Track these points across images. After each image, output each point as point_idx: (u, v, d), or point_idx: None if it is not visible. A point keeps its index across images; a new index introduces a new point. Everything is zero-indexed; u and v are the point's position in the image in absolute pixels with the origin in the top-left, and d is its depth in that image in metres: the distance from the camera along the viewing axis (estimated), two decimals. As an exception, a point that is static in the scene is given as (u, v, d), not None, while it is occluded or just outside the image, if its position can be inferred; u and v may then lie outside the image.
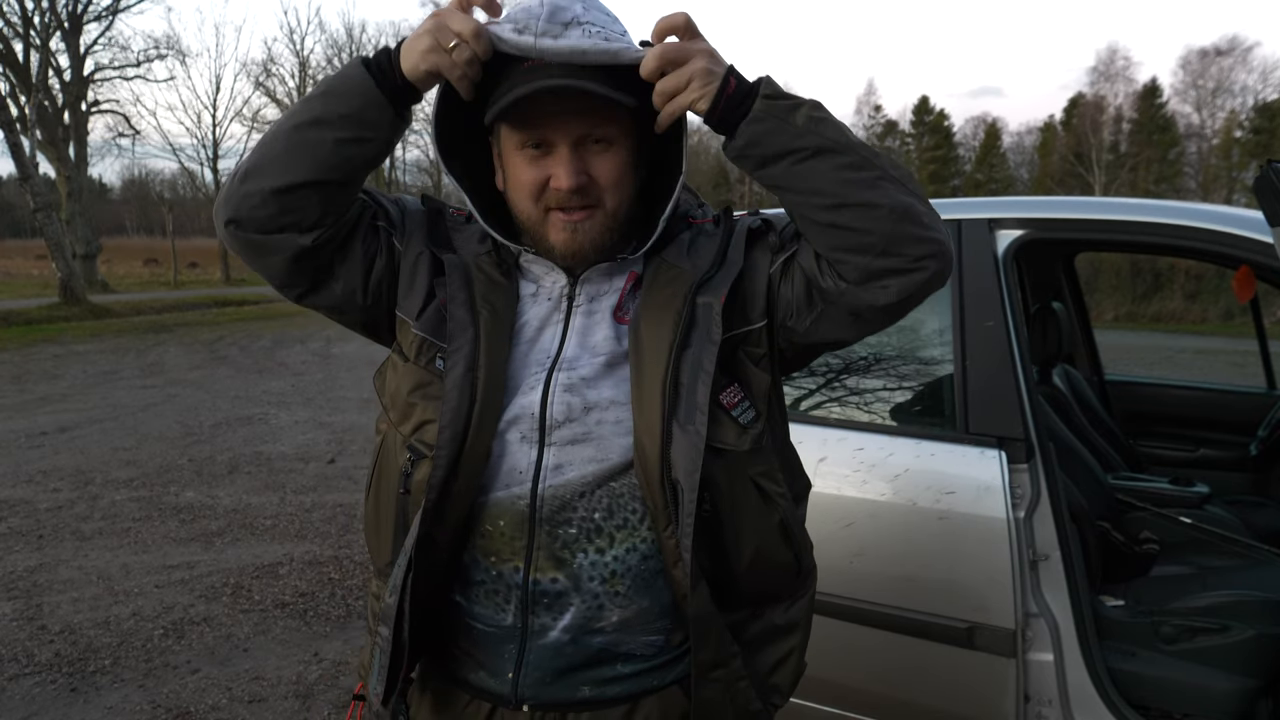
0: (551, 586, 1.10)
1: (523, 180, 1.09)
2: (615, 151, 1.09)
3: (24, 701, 3.13)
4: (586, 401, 1.10)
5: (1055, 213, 2.22)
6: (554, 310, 1.16)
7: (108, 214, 63.96)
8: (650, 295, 1.12)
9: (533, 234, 1.13)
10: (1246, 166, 38.63)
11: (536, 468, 1.09)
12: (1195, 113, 41.71)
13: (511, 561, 1.10)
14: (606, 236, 1.12)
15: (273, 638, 3.64)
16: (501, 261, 1.18)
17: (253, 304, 24.04)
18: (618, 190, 1.10)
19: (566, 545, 1.09)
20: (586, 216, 1.10)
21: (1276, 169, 1.60)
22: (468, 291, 1.13)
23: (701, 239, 1.18)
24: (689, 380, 1.07)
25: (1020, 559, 1.94)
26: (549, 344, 1.14)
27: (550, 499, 1.08)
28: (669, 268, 1.14)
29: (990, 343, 2.09)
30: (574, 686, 1.12)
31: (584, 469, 1.09)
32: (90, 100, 31.56)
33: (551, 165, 1.08)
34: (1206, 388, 3.80)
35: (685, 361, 1.07)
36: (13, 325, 16.20)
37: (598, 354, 1.12)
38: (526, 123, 1.07)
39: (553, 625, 1.11)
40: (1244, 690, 2.06)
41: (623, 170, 1.10)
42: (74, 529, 4.99)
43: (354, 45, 45.20)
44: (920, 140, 54.21)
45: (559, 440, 1.09)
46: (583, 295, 1.16)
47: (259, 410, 8.61)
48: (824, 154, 1.02)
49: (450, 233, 1.21)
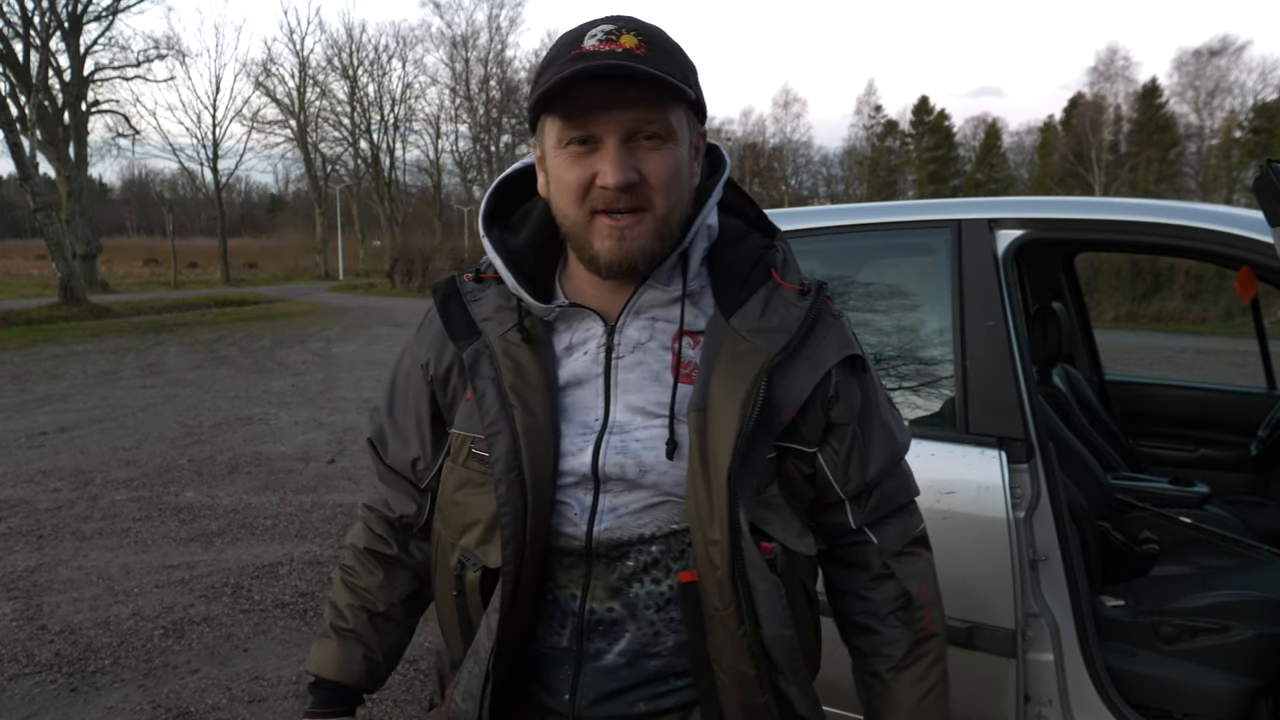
0: (608, 615, 1.08)
1: (565, 180, 1.00)
2: (669, 149, 1.00)
3: (24, 701, 3.13)
4: (642, 464, 1.04)
5: (1055, 213, 2.22)
6: (592, 364, 1.07)
7: (108, 214, 63.95)
8: (720, 371, 1.02)
9: (577, 241, 1.04)
10: (1246, 166, 38.62)
11: (592, 513, 1.06)
12: (1194, 113, 41.70)
13: (568, 590, 1.08)
14: (657, 244, 1.01)
15: (273, 638, 3.64)
16: (529, 326, 1.09)
17: (253, 304, 24.04)
18: (669, 192, 1.00)
19: (624, 578, 1.07)
20: (635, 221, 0.99)
21: (1276, 169, 1.60)
22: (496, 386, 1.06)
23: (779, 303, 1.07)
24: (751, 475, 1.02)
25: (1020, 559, 1.94)
26: (594, 403, 1.07)
27: (605, 540, 1.06)
28: (742, 341, 1.04)
29: (990, 343, 2.08)
30: (629, 703, 1.10)
31: (641, 516, 1.06)
32: (90, 100, 31.58)
33: (598, 162, 0.98)
34: (1206, 388, 3.80)
35: (751, 454, 1.01)
36: (13, 325, 16.20)
37: (651, 416, 1.05)
38: (572, 114, 0.98)
39: (608, 650, 1.09)
40: (1244, 690, 2.06)
41: (676, 170, 1.01)
42: (74, 529, 4.99)
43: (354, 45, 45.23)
44: (920, 140, 54.18)
45: (614, 489, 1.06)
46: (622, 345, 1.07)
47: (259, 410, 8.61)
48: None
49: (469, 306, 1.13)
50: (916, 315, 2.42)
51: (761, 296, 1.07)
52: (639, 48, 0.96)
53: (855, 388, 1.11)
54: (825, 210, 2.59)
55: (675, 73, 0.97)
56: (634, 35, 0.98)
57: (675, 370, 1.06)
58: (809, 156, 57.21)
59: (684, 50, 1.03)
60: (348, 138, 47.84)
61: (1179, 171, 42.31)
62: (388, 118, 48.06)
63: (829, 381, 1.07)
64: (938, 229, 2.27)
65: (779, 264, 1.11)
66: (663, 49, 0.99)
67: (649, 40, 0.98)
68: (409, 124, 50.97)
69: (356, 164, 48.89)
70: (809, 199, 52.79)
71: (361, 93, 47.46)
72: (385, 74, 54.69)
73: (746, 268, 1.09)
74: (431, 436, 1.17)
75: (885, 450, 1.14)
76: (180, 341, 14.97)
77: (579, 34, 0.99)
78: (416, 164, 51.87)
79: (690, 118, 1.04)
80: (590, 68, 0.94)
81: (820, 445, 1.10)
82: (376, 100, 48.13)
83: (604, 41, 0.97)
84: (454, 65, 49.27)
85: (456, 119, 49.87)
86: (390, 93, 49.35)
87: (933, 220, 2.32)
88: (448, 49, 52.01)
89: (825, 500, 1.13)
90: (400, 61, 72.13)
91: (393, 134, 48.39)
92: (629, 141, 0.98)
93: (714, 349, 1.04)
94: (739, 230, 1.14)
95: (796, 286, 1.08)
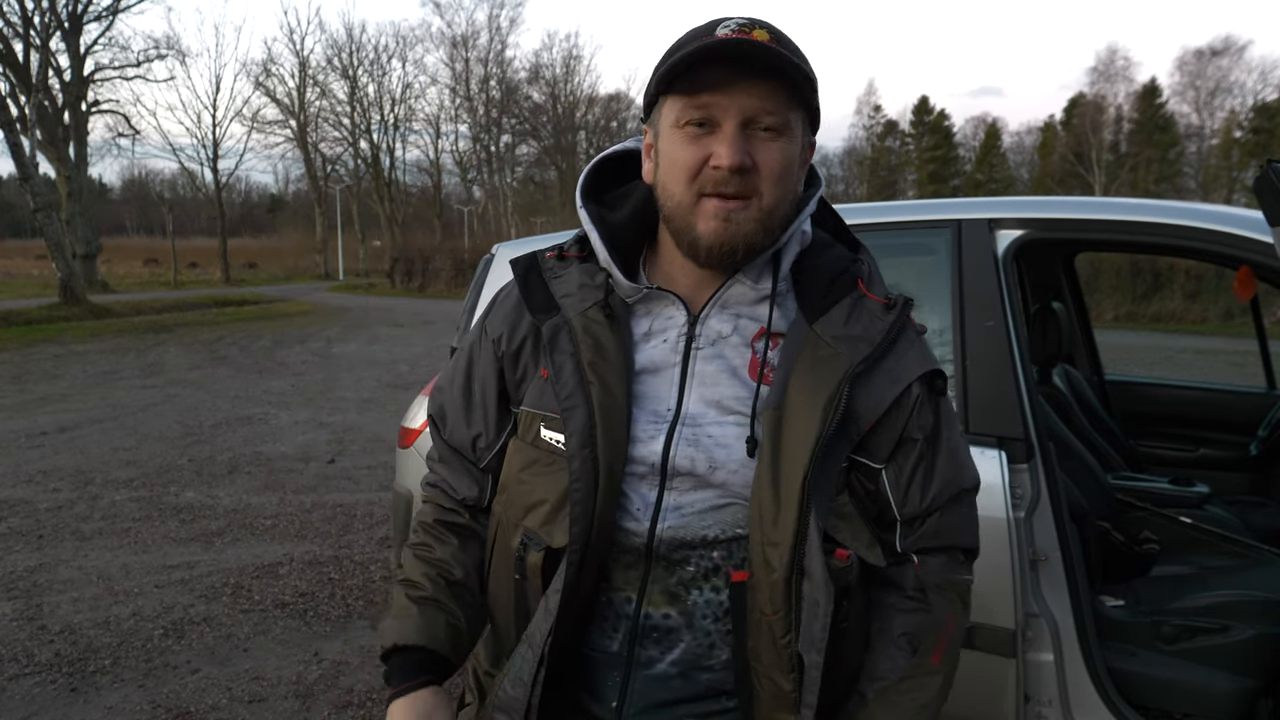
0: (663, 621, 1.06)
1: (678, 159, 1.01)
2: (783, 142, 1.00)
3: (24, 701, 3.13)
4: (713, 460, 1.03)
5: (1055, 213, 2.22)
6: (671, 353, 1.07)
7: (108, 214, 64.00)
8: (800, 374, 1.02)
9: (679, 223, 1.03)
10: (1246, 166, 38.64)
11: (656, 509, 1.04)
12: (1194, 113, 41.72)
13: (624, 592, 1.07)
14: (760, 235, 1.02)
15: (273, 638, 3.64)
16: (612, 304, 1.08)
17: (253, 304, 24.05)
18: (778, 184, 1.01)
19: (683, 583, 1.05)
20: (742, 206, 1.00)
21: (1276, 169, 1.60)
22: (575, 361, 1.05)
23: (863, 313, 1.07)
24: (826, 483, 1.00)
25: (1020, 559, 1.94)
26: (667, 393, 1.06)
27: (668, 540, 1.04)
28: (824, 346, 1.04)
29: (990, 343, 2.09)
30: (678, 717, 1.08)
31: (705, 517, 1.04)
32: (90, 100, 31.59)
33: (714, 144, 0.99)
34: (1206, 388, 3.80)
35: (827, 461, 1.00)
36: (13, 325, 16.21)
37: (726, 412, 1.05)
38: (696, 91, 0.98)
39: (660, 659, 1.07)
40: (1244, 690, 2.06)
41: (788, 163, 1.01)
42: (74, 529, 4.99)
43: (354, 45, 45.22)
44: (920, 140, 54.20)
45: (680, 486, 1.04)
46: (703, 337, 1.07)
47: (259, 410, 8.61)
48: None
49: (550, 282, 1.12)
50: (916, 315, 2.42)
51: (846, 305, 1.07)
52: (771, 41, 0.97)
53: (931, 407, 1.09)
54: (825, 210, 2.59)
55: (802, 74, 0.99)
56: (766, 32, 0.99)
57: (757, 370, 1.06)
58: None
59: (806, 57, 1.03)
60: (348, 138, 47.89)
61: (1179, 171, 42.33)
62: (388, 118, 48.12)
63: (908, 396, 1.06)
64: (938, 229, 2.27)
65: (865, 275, 1.11)
66: (793, 51, 1.00)
67: (780, 41, 0.99)
68: (409, 124, 50.99)
69: (356, 164, 48.94)
70: (809, 199, 52.63)
71: (361, 93, 47.53)
72: (385, 74, 54.73)
73: (832, 276, 1.09)
74: (496, 414, 1.16)
75: (948, 477, 1.11)
76: (180, 341, 14.98)
77: (710, 26, 1.00)
78: (416, 164, 51.90)
79: (805, 123, 1.05)
80: (727, 42, 0.95)
81: (887, 462, 1.08)
82: (376, 100, 48.21)
83: (737, 31, 0.97)
84: (454, 65, 49.35)
85: (456, 119, 49.95)
86: (390, 93, 49.41)
87: (933, 220, 2.32)
88: (448, 49, 52.10)
89: (882, 520, 1.11)
90: (400, 61, 72.24)
91: (393, 134, 48.45)
92: (746, 129, 0.99)
93: (794, 352, 1.04)
94: (826, 241, 1.15)
95: (882, 299, 1.09)
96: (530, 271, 1.14)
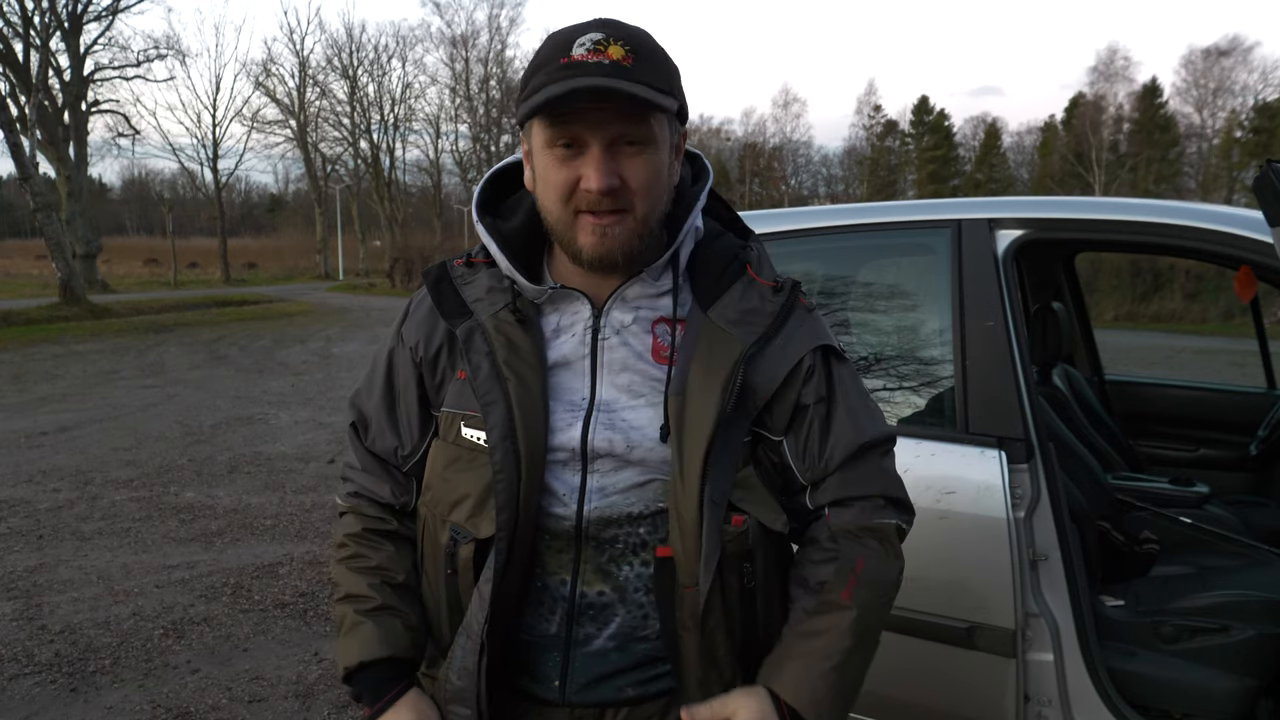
0: (598, 599, 1.11)
1: (551, 180, 1.05)
2: (649, 155, 1.04)
3: (24, 701, 3.13)
4: (630, 440, 1.09)
5: (1055, 213, 2.22)
6: (579, 345, 1.12)
7: (108, 214, 64.00)
8: (699, 360, 1.08)
9: (561, 237, 1.09)
10: (1246, 166, 38.63)
11: (581, 492, 1.09)
12: (1196, 113, 41.70)
13: (558, 575, 1.11)
14: (636, 243, 1.07)
15: (273, 638, 3.64)
16: (521, 307, 1.13)
17: (253, 304, 24.05)
18: (649, 195, 1.05)
19: (614, 559, 1.10)
20: (616, 221, 1.04)
21: (1276, 169, 1.60)
22: (491, 360, 1.10)
23: (754, 296, 1.13)
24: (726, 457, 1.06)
25: (1020, 559, 1.94)
26: (581, 384, 1.11)
27: (595, 520, 1.09)
28: (719, 331, 1.10)
29: (990, 343, 2.09)
30: (619, 688, 1.13)
31: (629, 494, 1.10)
32: (90, 100, 31.59)
33: (582, 166, 1.02)
34: (1206, 388, 3.80)
35: (728, 437, 1.07)
36: (13, 325, 16.20)
37: (636, 395, 1.11)
38: (559, 119, 1.02)
39: (598, 635, 1.12)
40: (1244, 690, 2.06)
41: (656, 175, 1.05)
42: (74, 529, 4.99)
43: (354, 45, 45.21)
44: (920, 140, 54.18)
45: (602, 468, 1.10)
46: (608, 328, 1.12)
47: (259, 410, 8.61)
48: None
49: (460, 288, 1.17)
50: (916, 315, 2.43)
51: (737, 291, 1.13)
52: (626, 59, 1.00)
53: (824, 375, 1.15)
54: (825, 210, 2.59)
55: (659, 83, 1.01)
56: (621, 46, 1.00)
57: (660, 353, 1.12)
58: (809, 156, 57.24)
59: (669, 56, 1.07)
60: (348, 138, 47.81)
61: (1179, 171, 42.33)
62: (388, 118, 48.04)
63: (800, 369, 1.13)
64: (938, 229, 2.27)
65: (754, 261, 1.17)
66: (648, 58, 1.02)
67: (635, 50, 1.01)
68: (409, 124, 50.93)
69: (356, 164, 48.87)
70: (809, 199, 52.80)
71: (361, 93, 47.44)
72: (385, 74, 54.63)
73: (724, 264, 1.15)
74: (419, 419, 1.20)
75: (847, 436, 1.15)
76: (180, 341, 14.98)
77: (568, 39, 1.02)
78: (416, 164, 51.80)
79: (671, 121, 1.08)
80: (576, 89, 0.97)
81: (787, 432, 1.14)
82: (376, 100, 48.12)
83: (592, 52, 1.00)
84: (454, 65, 49.27)
85: (456, 119, 49.85)
86: (390, 93, 49.33)
87: (933, 220, 2.32)
88: (448, 49, 52.02)
89: (790, 487, 1.17)
90: (400, 61, 72.10)
91: (393, 134, 48.36)
92: (612, 147, 1.02)
93: (693, 339, 1.10)
94: (716, 231, 1.21)
95: (771, 283, 1.15)
96: (441, 280, 1.18)
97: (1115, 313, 18.15)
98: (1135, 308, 18.35)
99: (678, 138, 1.11)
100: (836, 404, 1.15)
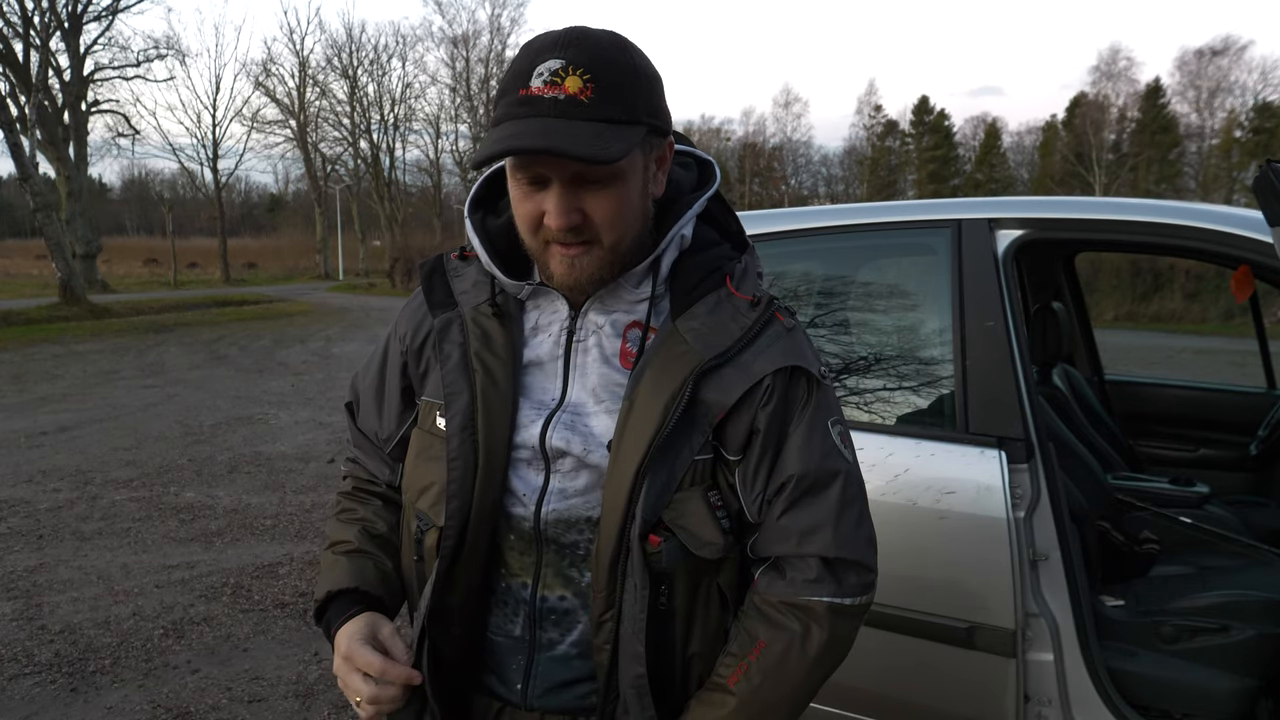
0: (560, 604, 1.10)
1: (520, 210, 1.04)
2: (613, 189, 1.00)
3: (24, 701, 3.13)
4: (586, 444, 1.07)
5: (1055, 213, 2.22)
6: (554, 346, 1.12)
7: (108, 214, 64.01)
8: (653, 367, 1.05)
9: (535, 259, 1.08)
10: (1246, 166, 38.63)
11: (541, 493, 1.08)
12: (1194, 113, 41.70)
13: (520, 577, 1.11)
14: (606, 270, 1.05)
15: (273, 638, 3.64)
16: (501, 304, 1.13)
17: (253, 304, 24.04)
18: (615, 227, 1.02)
19: (574, 564, 1.09)
20: (584, 251, 1.03)
21: (1276, 169, 1.60)
22: (462, 351, 1.11)
23: (727, 310, 1.08)
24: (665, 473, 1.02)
25: (1020, 559, 1.94)
26: (552, 385, 1.11)
27: (554, 522, 1.08)
28: (681, 342, 1.05)
29: (990, 343, 2.09)
30: (581, 695, 1.12)
31: (588, 497, 1.08)
32: (90, 100, 31.58)
33: (545, 200, 1.00)
34: (1206, 388, 3.80)
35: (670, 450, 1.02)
36: (13, 325, 16.20)
37: (600, 399, 1.09)
38: (517, 159, 1.01)
39: (561, 640, 1.11)
40: (1244, 690, 2.06)
41: (621, 206, 1.02)
42: (74, 529, 4.99)
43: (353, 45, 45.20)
44: (920, 140, 54.17)
45: (563, 469, 1.08)
46: (583, 329, 1.11)
47: (259, 410, 8.61)
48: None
49: (451, 280, 1.19)
50: (916, 315, 2.43)
51: (710, 302, 1.09)
52: (584, 91, 0.95)
53: (782, 398, 1.07)
54: (825, 210, 2.59)
55: (619, 113, 0.96)
56: (580, 75, 0.95)
57: (628, 359, 1.10)
58: (809, 156, 57.25)
59: (640, 69, 1.00)
60: (348, 138, 47.78)
61: (1179, 171, 42.32)
62: (388, 118, 48.00)
63: (758, 389, 1.05)
64: (938, 229, 2.27)
65: (736, 274, 1.12)
66: (612, 84, 0.96)
67: (597, 76, 0.95)
68: (409, 124, 50.77)
69: (356, 164, 48.83)
70: (809, 199, 52.79)
71: (361, 93, 47.39)
72: (385, 74, 54.62)
73: (702, 274, 1.11)
74: (400, 407, 1.23)
75: (794, 469, 1.05)
76: (180, 341, 14.98)
77: (528, 66, 0.97)
78: (416, 164, 51.74)
79: (644, 143, 1.02)
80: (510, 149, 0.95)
81: (742, 454, 1.07)
82: (376, 100, 48.07)
83: (548, 85, 0.95)
84: (454, 65, 49.23)
85: (456, 119, 49.80)
86: (390, 93, 49.26)
87: (933, 220, 2.32)
88: (448, 48, 52.05)
89: (742, 518, 1.09)
90: (400, 61, 72.20)
91: (393, 134, 48.31)
92: (573, 184, 0.99)
93: (655, 347, 1.07)
94: (710, 240, 1.16)
95: (749, 297, 1.10)
96: (434, 272, 1.21)
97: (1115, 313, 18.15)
98: (1135, 308, 18.35)
99: (659, 151, 1.06)
100: (793, 433, 1.07)
